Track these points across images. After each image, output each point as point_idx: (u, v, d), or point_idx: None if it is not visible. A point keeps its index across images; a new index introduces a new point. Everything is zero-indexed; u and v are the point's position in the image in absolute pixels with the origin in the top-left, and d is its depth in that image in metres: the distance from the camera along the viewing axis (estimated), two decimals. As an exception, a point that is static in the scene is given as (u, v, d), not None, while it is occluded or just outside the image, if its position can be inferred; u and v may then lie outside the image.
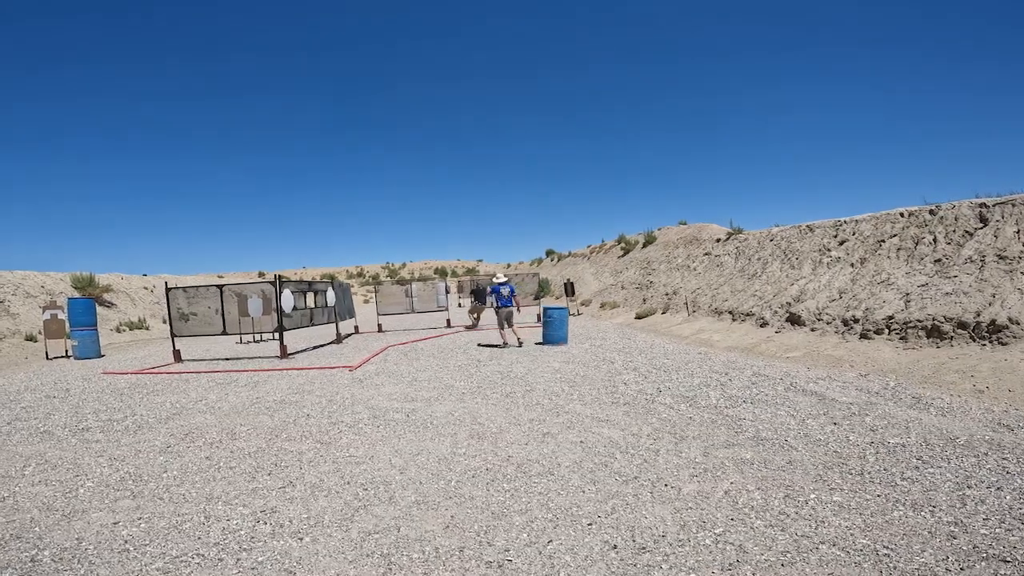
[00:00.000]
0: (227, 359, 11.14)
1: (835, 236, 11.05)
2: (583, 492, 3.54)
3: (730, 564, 2.63)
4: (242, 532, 3.12)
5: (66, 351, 12.24)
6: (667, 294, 14.45)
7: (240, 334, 13.00)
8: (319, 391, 7.20)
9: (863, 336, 8.04)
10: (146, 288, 17.96)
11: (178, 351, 10.92)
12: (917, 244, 9.46)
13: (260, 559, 2.82)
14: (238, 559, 2.83)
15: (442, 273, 48.82)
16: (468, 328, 15.33)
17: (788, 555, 2.69)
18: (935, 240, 9.32)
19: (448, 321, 16.15)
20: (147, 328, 15.90)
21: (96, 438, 5.29)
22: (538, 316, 16.52)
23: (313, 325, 12.48)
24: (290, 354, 10.99)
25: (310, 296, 12.49)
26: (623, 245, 23.13)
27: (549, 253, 37.99)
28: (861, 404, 5.41)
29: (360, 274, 56.41)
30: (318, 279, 24.76)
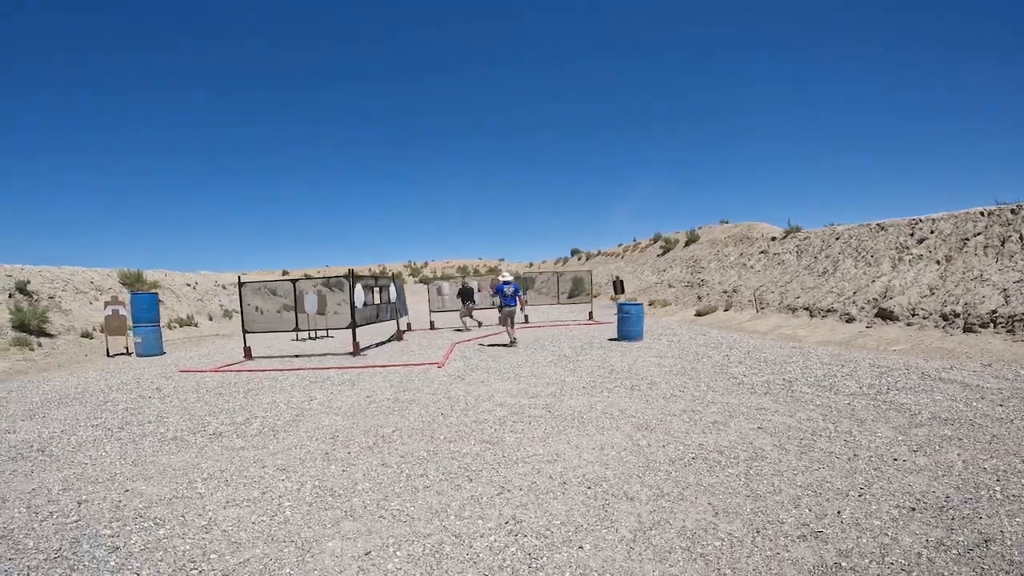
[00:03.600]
0: (296, 356, 11.17)
1: (911, 235, 11.21)
2: (817, 471, 3.68)
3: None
4: (512, 550, 2.85)
5: (126, 348, 12.23)
6: (725, 291, 14.61)
7: (301, 330, 13.01)
8: (427, 389, 7.09)
9: (967, 330, 8.16)
10: (188, 285, 17.97)
11: (248, 348, 10.93)
12: (1004, 242, 9.60)
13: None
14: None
15: (464, 272, 48.99)
16: (461, 330, 14.87)
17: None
18: (1022, 238, 9.44)
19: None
20: (196, 325, 15.91)
21: (238, 444, 4.97)
22: (590, 314, 16.65)
23: (379, 321, 12.51)
24: (362, 351, 11.01)
25: (375, 292, 12.52)
26: (662, 244, 23.35)
27: (574, 252, 38.24)
28: (1010, 390, 5.58)
29: (383, 273, 56.43)
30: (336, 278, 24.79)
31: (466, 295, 14.86)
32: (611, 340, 11.26)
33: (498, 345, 11.38)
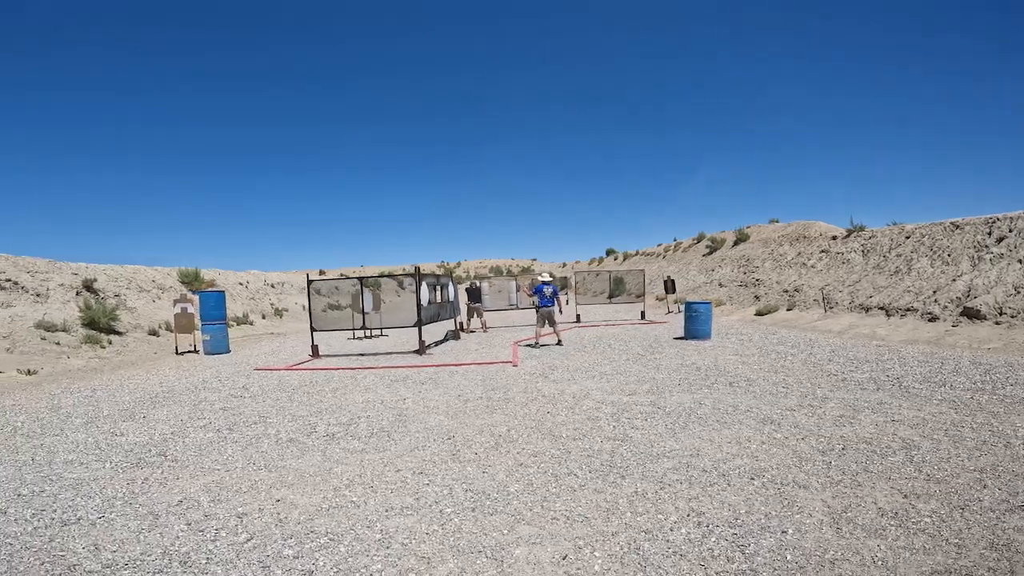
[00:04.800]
0: (361, 355, 11.41)
1: (989, 233, 11.10)
2: (980, 457, 3.81)
3: None
4: (713, 539, 2.87)
5: (193, 345, 12.64)
6: (786, 291, 14.58)
7: (363, 328, 13.29)
8: (515, 387, 7.06)
9: (1063, 329, 8.06)
10: (241, 283, 18.50)
11: (316, 346, 11.22)
12: (1092, 238, 9.44)
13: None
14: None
15: (498, 272, 49.41)
16: (467, 331, 14.93)
17: None
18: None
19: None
20: (251, 323, 16.35)
21: (356, 447, 4.83)
22: (642, 313, 16.70)
23: (439, 320, 12.73)
24: (427, 349, 11.19)
25: (437, 291, 12.74)
26: (708, 243, 23.33)
27: (610, 252, 38.38)
28: None
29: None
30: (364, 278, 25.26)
31: (473, 295, 15.14)
32: (677, 339, 11.33)
33: (558, 345, 11.43)
